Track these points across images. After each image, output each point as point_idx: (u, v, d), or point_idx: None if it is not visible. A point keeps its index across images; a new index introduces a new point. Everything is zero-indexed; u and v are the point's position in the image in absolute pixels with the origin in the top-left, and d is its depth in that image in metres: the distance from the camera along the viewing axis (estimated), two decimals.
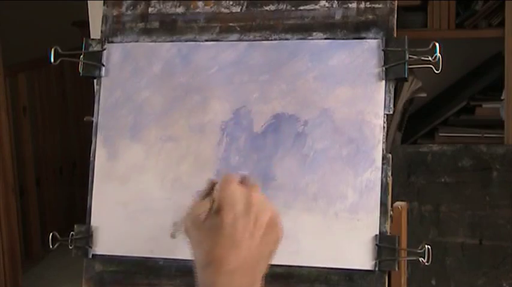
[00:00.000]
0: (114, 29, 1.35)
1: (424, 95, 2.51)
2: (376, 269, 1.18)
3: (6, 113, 3.30)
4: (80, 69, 1.34)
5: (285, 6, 1.28)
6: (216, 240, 0.96)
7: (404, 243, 1.21)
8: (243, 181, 1.03)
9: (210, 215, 0.99)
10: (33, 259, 3.72)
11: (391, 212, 1.20)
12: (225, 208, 0.98)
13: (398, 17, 1.24)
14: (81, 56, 1.34)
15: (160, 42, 1.32)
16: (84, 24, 2.35)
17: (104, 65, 1.33)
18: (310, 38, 1.26)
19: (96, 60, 1.33)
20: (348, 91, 1.22)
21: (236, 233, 0.96)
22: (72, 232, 1.30)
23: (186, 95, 1.28)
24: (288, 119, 1.24)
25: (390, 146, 2.40)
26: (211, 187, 1.06)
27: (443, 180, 2.32)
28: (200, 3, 1.32)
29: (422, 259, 1.17)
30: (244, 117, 1.25)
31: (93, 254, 1.29)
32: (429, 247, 1.17)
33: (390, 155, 1.20)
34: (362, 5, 1.25)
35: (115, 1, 1.36)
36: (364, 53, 1.23)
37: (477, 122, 2.51)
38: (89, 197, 1.31)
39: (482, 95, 2.55)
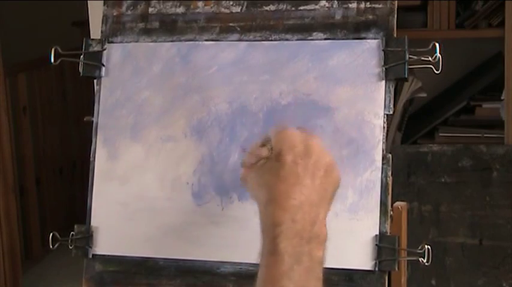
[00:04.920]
0: (114, 29, 1.35)
1: (424, 95, 2.51)
2: (376, 269, 1.18)
3: (6, 113, 3.30)
4: (80, 70, 1.34)
5: (285, 6, 1.28)
6: (279, 177, 0.95)
7: (404, 243, 1.21)
8: (300, 129, 1.01)
9: (269, 160, 0.98)
10: (33, 259, 3.72)
11: (391, 212, 1.20)
12: (284, 149, 0.97)
13: (398, 17, 1.24)
14: (81, 56, 1.34)
15: (160, 42, 1.32)
16: (84, 24, 2.35)
17: (104, 65, 1.33)
18: (310, 38, 1.26)
19: (96, 60, 1.33)
20: (348, 91, 1.22)
21: (298, 171, 0.95)
22: (72, 232, 1.30)
23: (186, 95, 1.28)
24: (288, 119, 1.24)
25: (390, 146, 2.40)
26: (267, 138, 1.03)
27: (443, 180, 2.32)
28: (200, 3, 1.32)
29: (422, 259, 1.17)
30: (244, 117, 1.25)
31: (93, 254, 1.29)
32: (429, 247, 1.17)
33: (390, 155, 1.20)
34: (362, 5, 1.25)
35: (115, 1, 1.36)
36: (364, 53, 1.23)
37: (477, 122, 2.52)
38: (89, 197, 1.31)
39: (482, 95, 2.55)
